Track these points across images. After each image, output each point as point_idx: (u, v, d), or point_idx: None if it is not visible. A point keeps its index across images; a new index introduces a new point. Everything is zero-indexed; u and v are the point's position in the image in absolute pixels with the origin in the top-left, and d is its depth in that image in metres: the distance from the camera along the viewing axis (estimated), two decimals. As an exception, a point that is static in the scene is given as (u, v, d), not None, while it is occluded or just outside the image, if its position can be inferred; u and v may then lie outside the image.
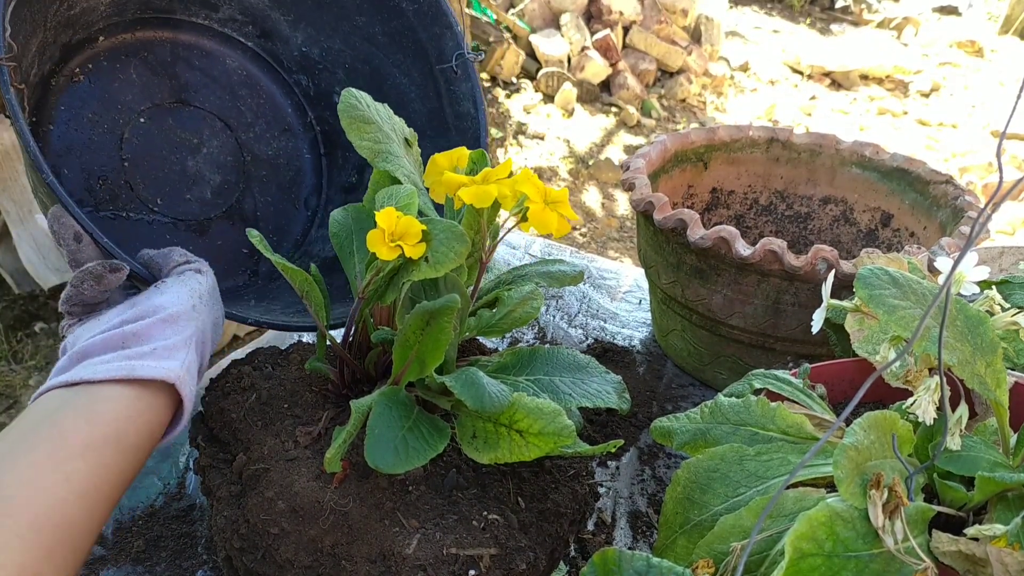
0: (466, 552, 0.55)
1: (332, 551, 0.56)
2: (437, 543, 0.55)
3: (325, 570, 0.55)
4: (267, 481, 0.58)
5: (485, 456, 0.54)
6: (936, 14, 5.16)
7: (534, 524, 0.59)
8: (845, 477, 0.45)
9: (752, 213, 1.05)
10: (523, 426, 0.54)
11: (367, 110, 0.67)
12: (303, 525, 0.56)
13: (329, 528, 0.56)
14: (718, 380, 0.91)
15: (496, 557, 0.55)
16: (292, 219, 0.93)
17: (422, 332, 0.58)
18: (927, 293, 0.53)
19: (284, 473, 0.58)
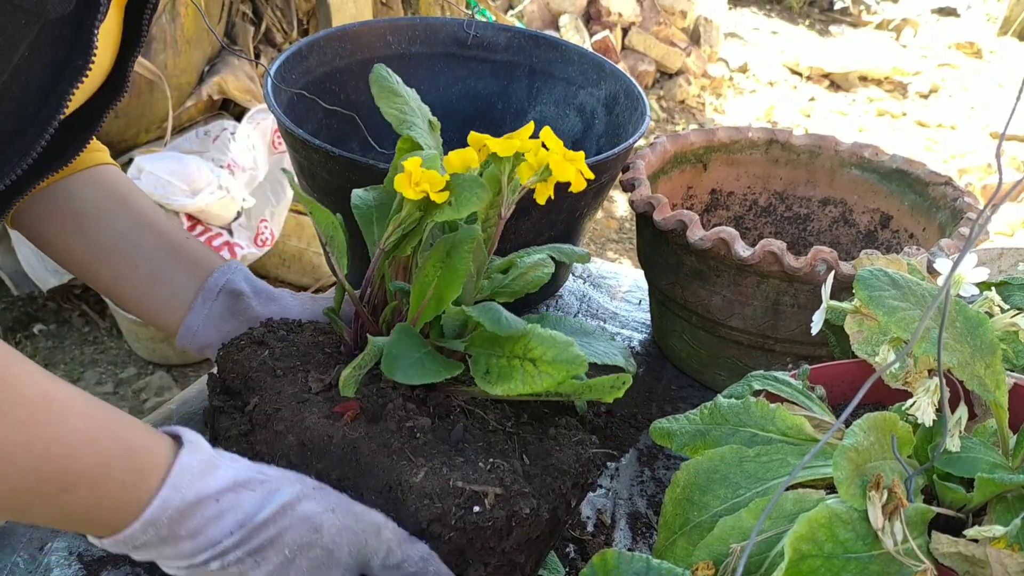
0: (472, 487, 0.56)
1: (339, 484, 0.56)
2: (444, 476, 0.56)
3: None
4: (277, 418, 0.59)
5: (498, 387, 0.54)
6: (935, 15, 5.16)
7: (538, 476, 0.59)
8: (845, 478, 0.45)
9: (751, 214, 1.05)
10: (536, 354, 0.54)
11: (397, 85, 0.70)
12: (311, 459, 0.57)
13: (337, 462, 0.56)
14: (717, 381, 0.91)
15: (500, 497, 0.56)
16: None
17: (442, 265, 0.59)
18: (926, 294, 0.53)
19: (295, 411, 0.59)
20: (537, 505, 0.57)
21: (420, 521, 0.55)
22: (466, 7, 2.70)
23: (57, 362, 2.06)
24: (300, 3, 2.28)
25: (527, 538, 0.58)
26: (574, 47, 1.05)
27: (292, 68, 0.94)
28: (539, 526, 0.58)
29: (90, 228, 0.75)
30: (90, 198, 0.76)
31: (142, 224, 0.76)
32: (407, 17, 2.28)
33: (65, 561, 0.67)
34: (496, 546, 0.57)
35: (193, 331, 0.74)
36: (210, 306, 0.74)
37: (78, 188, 0.75)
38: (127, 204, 0.77)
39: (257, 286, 0.77)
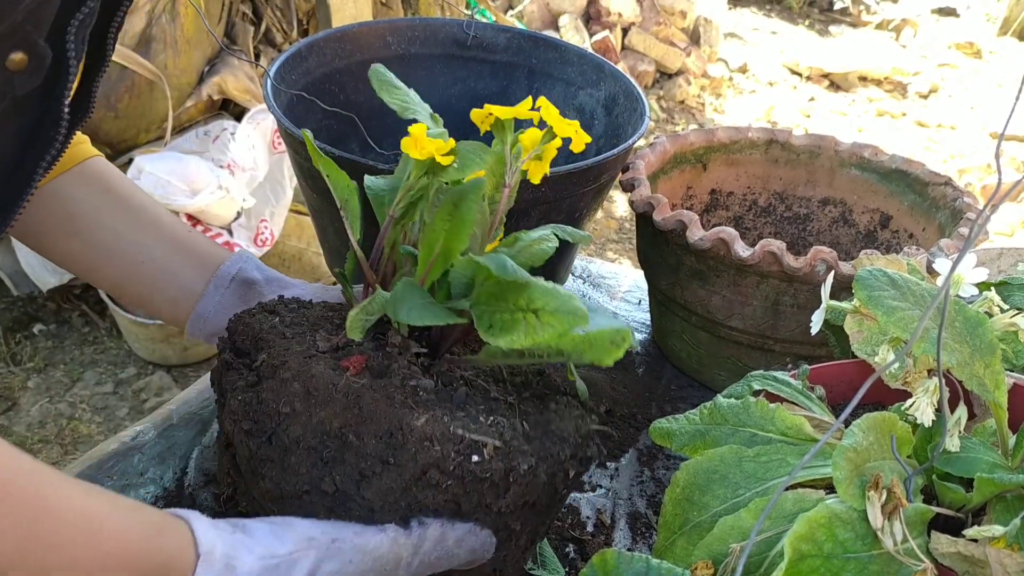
0: (472, 436, 0.56)
1: (339, 432, 0.57)
2: (445, 424, 0.56)
3: (330, 452, 0.57)
4: (284, 368, 0.60)
5: (502, 339, 0.55)
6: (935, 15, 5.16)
7: (537, 439, 0.60)
8: (844, 478, 0.45)
9: (751, 214, 1.05)
10: (539, 305, 0.55)
11: (395, 80, 0.72)
12: (315, 407, 0.57)
13: (340, 411, 0.57)
14: (717, 381, 0.91)
15: (499, 450, 0.57)
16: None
17: (449, 217, 0.60)
18: (926, 294, 0.53)
19: (302, 363, 0.60)
20: (535, 464, 0.58)
21: (419, 465, 0.56)
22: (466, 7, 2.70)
23: (57, 362, 2.06)
24: (300, 3, 2.28)
25: (524, 501, 0.58)
26: (573, 48, 1.05)
27: (292, 69, 0.94)
28: (536, 488, 0.58)
29: (86, 230, 0.75)
30: (81, 198, 0.75)
31: (141, 221, 0.76)
32: (407, 18, 2.28)
33: (65, 561, 0.67)
34: (492, 503, 0.57)
35: (204, 318, 0.74)
36: (222, 294, 0.74)
37: (68, 189, 0.74)
38: (121, 201, 0.76)
39: (269, 274, 0.77)
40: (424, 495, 0.57)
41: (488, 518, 0.58)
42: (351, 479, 0.57)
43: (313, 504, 0.58)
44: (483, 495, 0.57)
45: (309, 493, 0.58)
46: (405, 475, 0.56)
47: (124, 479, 0.76)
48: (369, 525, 0.59)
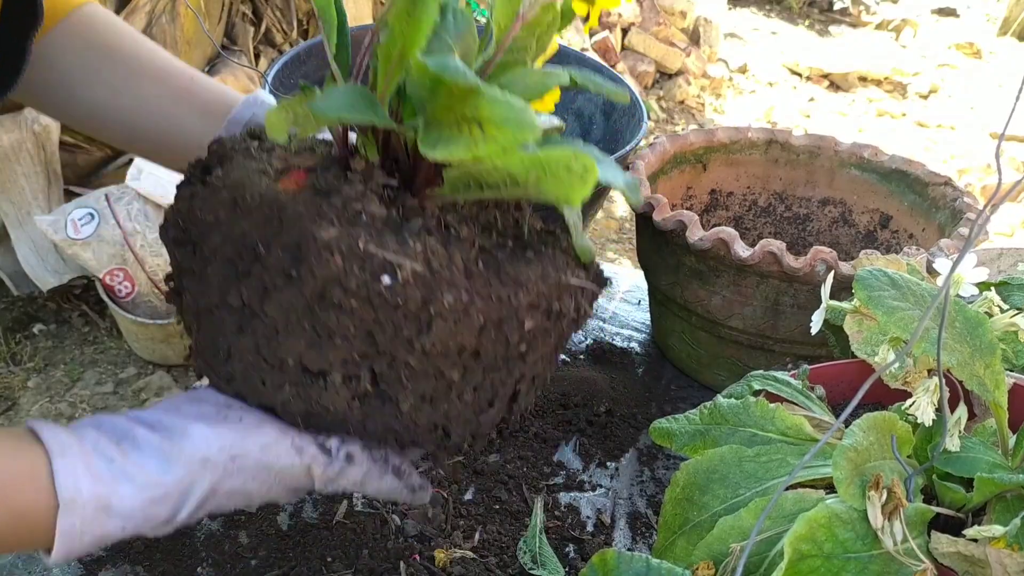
0: (386, 254, 0.49)
1: (253, 250, 0.52)
2: (357, 239, 0.50)
3: (244, 266, 0.52)
4: (222, 178, 0.55)
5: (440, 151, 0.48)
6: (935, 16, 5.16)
7: (481, 278, 0.52)
8: (844, 478, 0.45)
9: (751, 215, 1.05)
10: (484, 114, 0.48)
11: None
12: (238, 217, 0.53)
13: (260, 222, 0.52)
14: (717, 381, 0.91)
15: (420, 276, 0.50)
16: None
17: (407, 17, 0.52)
18: (926, 294, 0.53)
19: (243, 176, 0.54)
20: (468, 300, 0.51)
21: (318, 280, 0.50)
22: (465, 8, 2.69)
23: (57, 362, 2.06)
24: (300, 4, 2.28)
25: (459, 344, 0.52)
26: (573, 52, 1.05)
27: (290, 73, 0.94)
28: (471, 331, 0.52)
29: (81, 92, 0.69)
30: (70, 60, 0.69)
31: (138, 73, 0.70)
32: (407, 17, 2.28)
33: (65, 561, 0.67)
34: (414, 339, 0.51)
35: None
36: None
37: (55, 52, 0.69)
38: (114, 53, 0.70)
39: None
40: (329, 317, 0.51)
41: (411, 356, 0.51)
42: (256, 293, 0.52)
43: (224, 321, 0.54)
44: (400, 327, 0.51)
45: (219, 308, 0.53)
46: (306, 290, 0.50)
47: (124, 479, 0.76)
48: (283, 437, 0.53)
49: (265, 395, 0.54)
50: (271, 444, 0.53)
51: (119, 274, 1.78)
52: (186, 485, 0.50)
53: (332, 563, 0.69)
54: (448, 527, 0.72)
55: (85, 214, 1.75)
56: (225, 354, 0.55)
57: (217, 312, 0.54)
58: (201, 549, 0.70)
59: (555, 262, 0.57)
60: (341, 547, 0.70)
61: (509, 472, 0.78)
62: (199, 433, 0.51)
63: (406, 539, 0.71)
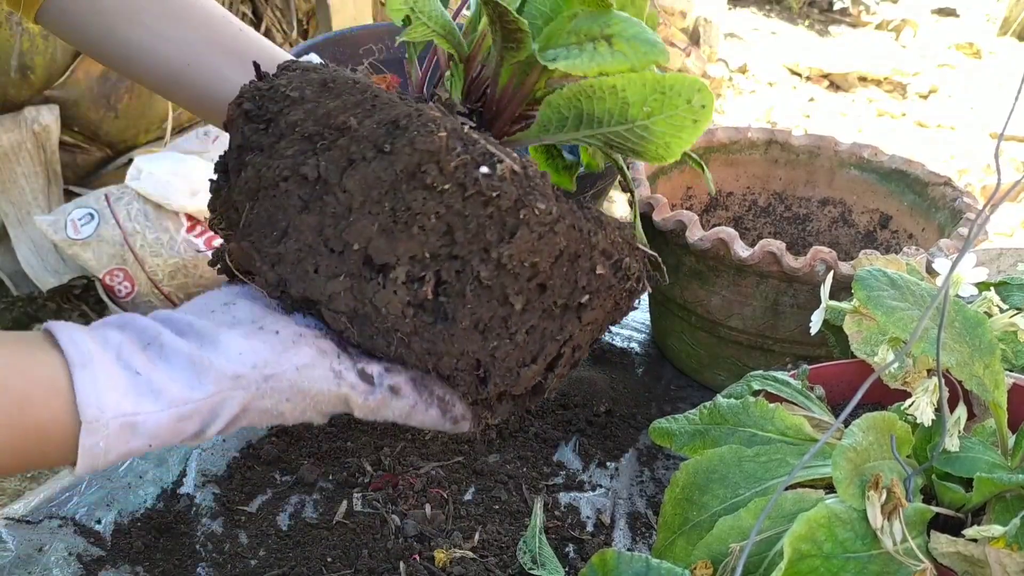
0: (489, 147, 0.47)
1: (341, 127, 0.49)
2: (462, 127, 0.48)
3: (325, 142, 0.49)
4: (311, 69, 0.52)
5: (562, 63, 0.47)
6: (935, 16, 5.16)
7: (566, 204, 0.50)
8: (844, 478, 0.45)
9: (751, 215, 1.05)
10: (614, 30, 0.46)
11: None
12: (326, 96, 0.50)
13: (353, 104, 0.49)
14: (717, 381, 0.91)
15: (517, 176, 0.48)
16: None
17: None
18: (925, 294, 0.53)
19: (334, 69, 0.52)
20: (556, 215, 0.48)
21: (416, 153, 0.46)
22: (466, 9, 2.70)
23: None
24: (300, 3, 2.28)
25: (532, 264, 0.49)
26: None
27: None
28: (549, 251, 0.49)
29: (122, 30, 0.66)
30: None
31: (185, 19, 0.66)
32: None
33: (64, 561, 0.67)
34: (492, 244, 0.48)
35: None
36: None
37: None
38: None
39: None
40: (414, 197, 0.47)
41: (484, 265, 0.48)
42: (337, 165, 0.48)
43: (287, 195, 0.50)
44: (483, 227, 0.48)
45: (287, 180, 0.50)
46: (398, 164, 0.47)
47: (124, 480, 0.76)
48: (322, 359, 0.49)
49: (313, 284, 0.49)
50: (308, 366, 0.48)
51: (119, 274, 1.78)
52: (216, 403, 0.46)
53: (332, 563, 0.69)
54: (448, 527, 0.72)
55: (85, 214, 1.75)
56: (280, 233, 0.50)
57: (283, 186, 0.50)
58: (201, 549, 0.70)
59: (624, 222, 0.56)
60: (341, 547, 0.70)
61: (509, 472, 0.78)
62: (232, 345, 0.47)
63: (406, 539, 0.71)
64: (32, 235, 1.96)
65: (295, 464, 0.78)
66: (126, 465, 0.77)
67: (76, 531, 0.71)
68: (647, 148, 0.48)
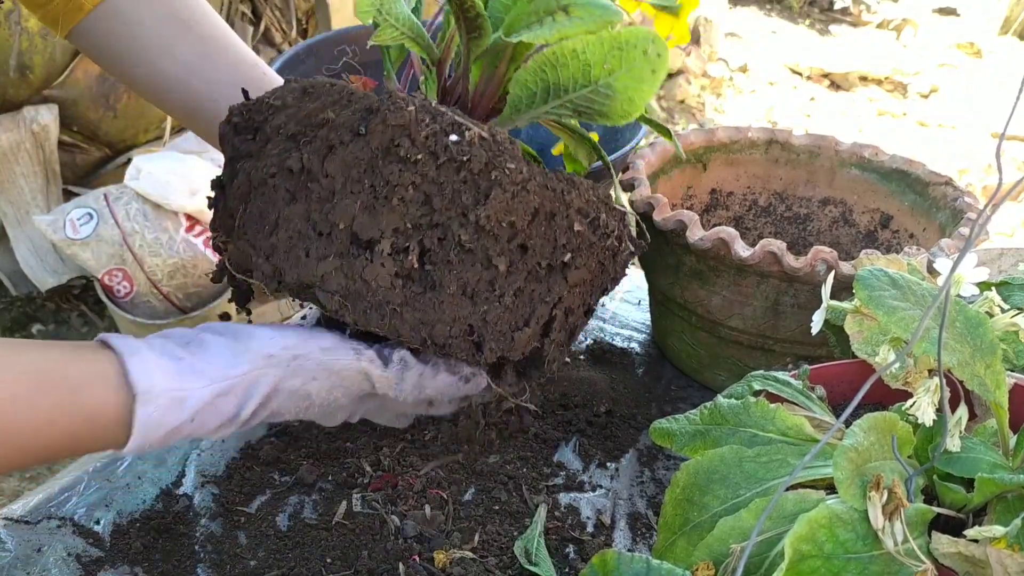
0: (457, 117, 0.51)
1: (320, 123, 0.52)
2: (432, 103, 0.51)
3: (306, 138, 0.52)
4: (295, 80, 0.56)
5: (524, 34, 0.49)
6: (935, 15, 5.16)
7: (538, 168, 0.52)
8: (845, 479, 0.45)
9: (751, 214, 1.05)
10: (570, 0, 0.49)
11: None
12: (306, 100, 0.54)
13: (329, 103, 0.53)
14: (717, 382, 0.91)
15: (485, 142, 0.51)
16: None
17: None
18: (926, 294, 0.53)
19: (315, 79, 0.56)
20: (527, 175, 0.51)
21: (389, 130, 0.50)
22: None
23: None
24: (299, 3, 2.28)
25: (510, 223, 0.52)
26: None
27: (289, 72, 0.94)
28: (524, 210, 0.52)
29: (152, 59, 0.68)
30: (147, 23, 0.68)
31: (213, 56, 0.69)
32: (407, 17, 2.28)
33: (63, 561, 0.67)
34: (469, 208, 0.51)
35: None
36: None
37: (131, 9, 0.67)
38: (193, 28, 0.69)
39: None
40: (390, 171, 0.50)
41: (463, 229, 0.51)
42: (319, 154, 0.52)
43: (276, 189, 0.53)
44: (459, 192, 0.50)
45: (274, 176, 0.53)
46: (373, 142, 0.50)
47: (123, 481, 0.76)
48: (343, 341, 0.54)
49: (306, 268, 0.53)
50: (331, 347, 0.54)
51: (118, 274, 1.78)
52: (252, 379, 0.52)
53: (331, 564, 0.69)
54: (448, 528, 0.72)
55: (84, 214, 1.75)
56: (272, 225, 0.54)
57: (271, 182, 0.53)
58: (200, 550, 0.70)
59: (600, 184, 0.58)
60: (340, 548, 0.70)
61: (509, 473, 0.78)
62: (264, 333, 0.54)
63: (405, 540, 0.71)
64: (31, 235, 1.96)
65: (294, 465, 0.78)
66: (125, 465, 0.77)
67: (75, 531, 0.71)
68: (612, 107, 0.51)
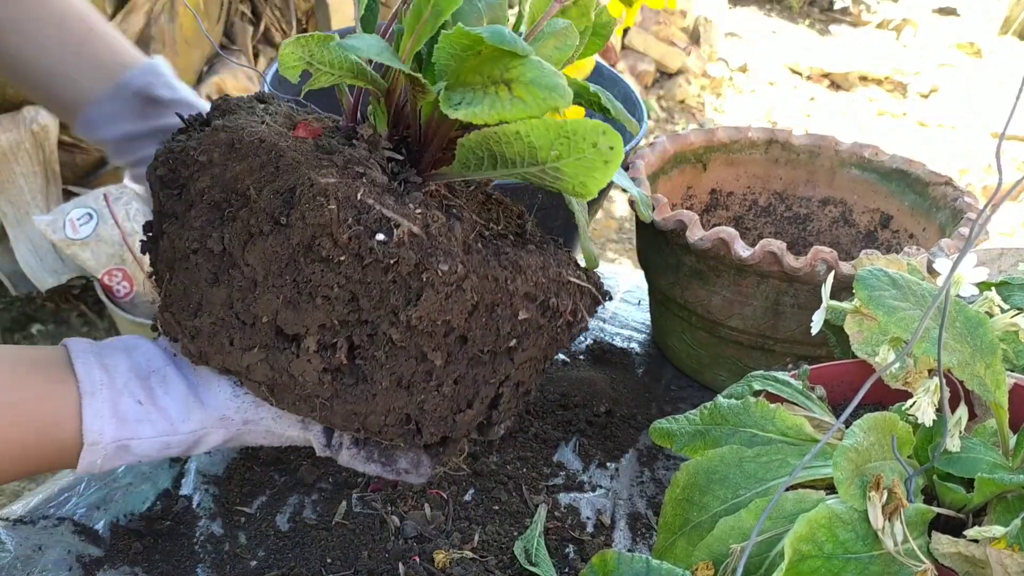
0: (384, 210, 0.46)
1: (244, 192, 0.48)
2: (357, 191, 0.46)
3: (231, 210, 0.49)
4: (225, 121, 0.51)
5: (462, 111, 0.45)
6: (935, 15, 5.16)
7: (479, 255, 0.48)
8: (845, 479, 0.45)
9: (751, 214, 1.05)
10: (514, 75, 0.44)
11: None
12: (233, 159, 0.49)
13: (256, 167, 0.48)
14: (717, 382, 0.91)
15: (416, 238, 0.46)
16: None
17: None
18: (926, 294, 0.53)
19: (245, 119, 0.51)
20: (463, 273, 0.47)
21: (308, 227, 0.46)
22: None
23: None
24: (299, 3, 2.28)
25: (446, 323, 0.48)
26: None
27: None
28: (460, 308, 0.48)
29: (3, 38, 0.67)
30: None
31: (33, 13, 0.67)
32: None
33: (63, 562, 0.67)
34: (400, 309, 0.47)
35: (92, 124, 0.69)
36: (119, 104, 0.68)
37: None
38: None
39: (181, 96, 0.70)
40: (314, 271, 0.46)
41: (394, 329, 0.48)
42: (239, 239, 0.48)
43: (199, 269, 0.50)
44: (387, 292, 0.47)
45: (197, 253, 0.50)
46: (294, 238, 0.46)
47: (123, 481, 0.76)
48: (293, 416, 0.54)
49: (231, 357, 0.51)
50: (282, 416, 0.55)
51: (117, 274, 1.78)
52: (199, 436, 0.55)
53: (331, 564, 0.69)
54: (448, 528, 0.72)
55: (83, 214, 1.75)
56: (195, 306, 0.51)
57: (193, 258, 0.50)
58: (200, 550, 0.70)
59: (557, 257, 0.55)
60: (340, 548, 0.70)
61: (509, 473, 0.78)
62: (223, 392, 0.54)
63: (405, 540, 0.71)
64: (30, 235, 1.96)
65: (294, 465, 0.78)
66: (125, 466, 0.77)
67: (75, 532, 0.71)
68: (564, 186, 0.47)
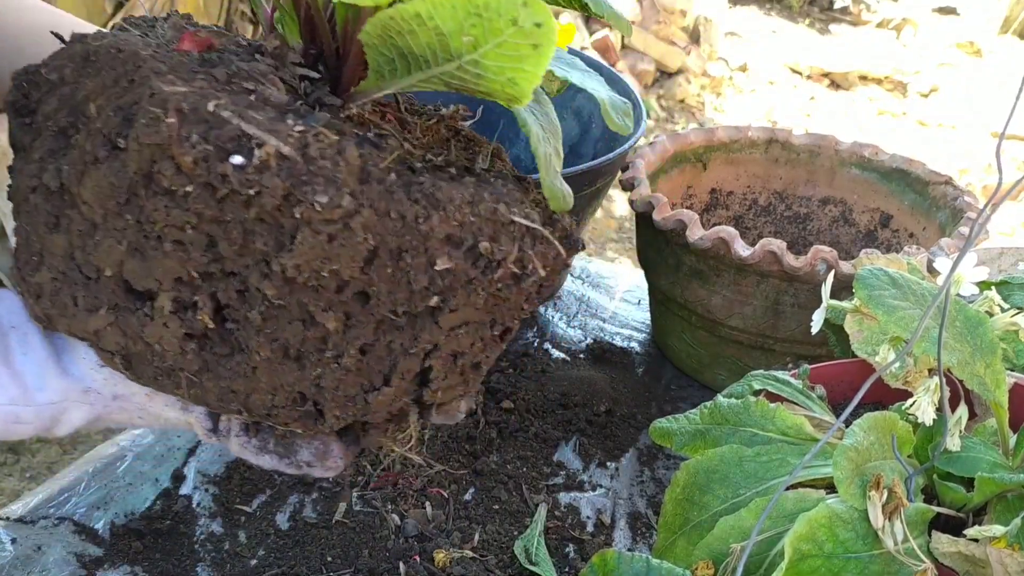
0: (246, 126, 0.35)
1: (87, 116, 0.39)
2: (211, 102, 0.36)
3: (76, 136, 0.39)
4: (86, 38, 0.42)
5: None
6: (935, 14, 5.16)
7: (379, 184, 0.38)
8: (845, 478, 0.45)
9: (751, 214, 1.05)
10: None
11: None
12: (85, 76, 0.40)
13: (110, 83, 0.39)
14: (717, 381, 0.91)
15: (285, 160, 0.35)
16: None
17: None
18: (926, 294, 0.53)
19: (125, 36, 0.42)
20: (351, 207, 0.36)
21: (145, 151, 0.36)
22: None
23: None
24: (300, 3, 2.28)
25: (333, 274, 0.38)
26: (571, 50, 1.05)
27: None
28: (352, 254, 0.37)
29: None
30: None
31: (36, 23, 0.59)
32: (407, 17, 2.27)
33: (63, 561, 0.67)
34: (270, 256, 0.37)
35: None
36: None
37: None
38: None
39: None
40: (155, 207, 0.36)
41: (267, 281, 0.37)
42: (76, 170, 0.38)
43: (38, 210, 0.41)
44: (251, 234, 0.37)
45: (35, 191, 0.41)
46: (130, 165, 0.36)
47: (123, 480, 0.76)
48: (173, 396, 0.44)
49: (76, 320, 0.41)
50: (157, 392, 0.45)
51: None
52: (60, 409, 0.46)
53: (332, 563, 0.69)
54: (448, 527, 0.72)
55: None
56: (37, 258, 0.42)
57: (32, 198, 0.41)
58: (200, 549, 0.70)
59: (497, 190, 0.42)
60: (341, 547, 0.70)
61: (509, 472, 0.78)
62: (89, 360, 0.45)
63: (406, 539, 0.71)
64: (32, 235, 1.95)
65: (295, 464, 0.78)
66: (125, 465, 0.77)
67: (75, 531, 0.71)
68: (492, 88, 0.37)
